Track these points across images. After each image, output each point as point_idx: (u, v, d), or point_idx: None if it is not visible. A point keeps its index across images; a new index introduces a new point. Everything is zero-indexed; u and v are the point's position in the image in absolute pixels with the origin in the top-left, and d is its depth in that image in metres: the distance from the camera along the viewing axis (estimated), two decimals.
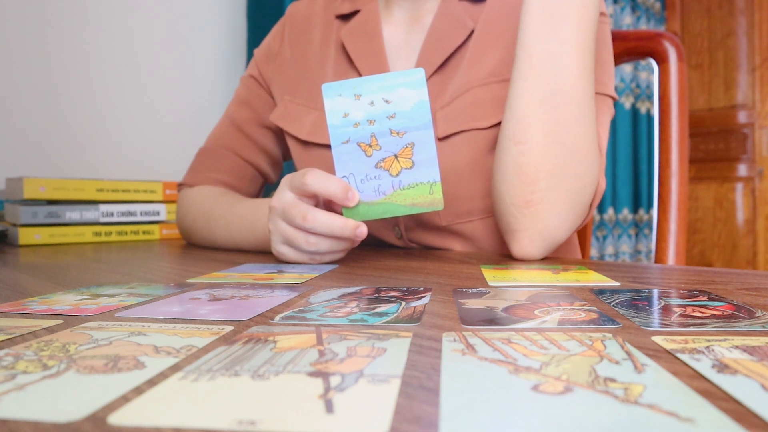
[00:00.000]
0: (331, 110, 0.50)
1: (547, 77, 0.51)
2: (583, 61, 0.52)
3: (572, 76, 0.51)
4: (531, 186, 0.52)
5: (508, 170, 0.53)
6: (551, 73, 0.51)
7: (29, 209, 0.82)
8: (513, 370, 0.19)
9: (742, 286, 0.37)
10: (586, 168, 0.53)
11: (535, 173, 0.51)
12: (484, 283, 0.39)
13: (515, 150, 0.52)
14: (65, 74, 1.20)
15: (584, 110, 0.52)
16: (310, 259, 0.52)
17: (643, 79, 2.65)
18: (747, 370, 0.19)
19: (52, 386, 0.18)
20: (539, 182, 0.51)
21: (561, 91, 0.51)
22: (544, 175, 0.51)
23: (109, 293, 0.36)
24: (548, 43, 0.51)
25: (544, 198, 0.52)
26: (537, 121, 0.51)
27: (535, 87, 0.51)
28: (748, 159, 2.70)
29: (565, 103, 0.51)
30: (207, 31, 1.45)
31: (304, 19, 0.76)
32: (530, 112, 0.51)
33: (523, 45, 0.52)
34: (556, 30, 0.51)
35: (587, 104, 0.52)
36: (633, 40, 0.79)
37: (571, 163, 0.52)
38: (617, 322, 0.26)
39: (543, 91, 0.51)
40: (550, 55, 0.51)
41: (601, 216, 2.48)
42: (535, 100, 0.51)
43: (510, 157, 0.52)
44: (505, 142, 0.53)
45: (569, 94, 0.51)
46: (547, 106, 0.51)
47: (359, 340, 0.23)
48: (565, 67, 0.51)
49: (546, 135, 0.51)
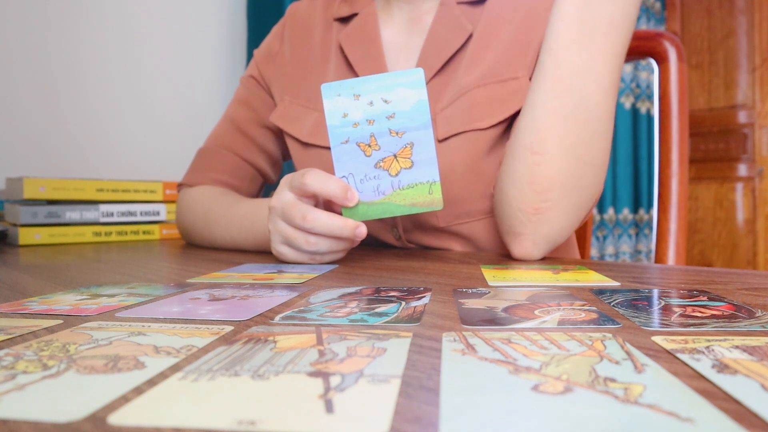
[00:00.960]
0: (331, 110, 0.50)
1: (575, 92, 0.49)
2: (612, 78, 0.50)
3: (600, 92, 0.50)
4: (542, 195, 0.51)
5: (520, 178, 0.52)
6: (579, 88, 0.49)
7: (29, 209, 0.82)
8: (513, 370, 0.19)
9: (742, 286, 0.37)
10: (598, 180, 0.53)
11: (548, 184, 0.50)
12: (484, 283, 0.39)
13: (531, 160, 0.51)
14: (65, 74, 1.20)
15: (607, 126, 0.51)
16: (309, 259, 0.52)
17: (643, 79, 2.65)
18: (747, 370, 0.19)
19: (52, 386, 0.18)
20: (551, 192, 0.51)
21: (587, 107, 0.50)
22: (558, 187, 0.51)
23: (109, 293, 0.36)
24: (580, 56, 0.49)
25: (553, 207, 0.51)
26: (558, 134, 0.50)
27: (560, 100, 0.50)
28: (748, 159, 2.69)
29: (589, 119, 0.50)
30: (207, 31, 1.45)
31: (304, 20, 0.76)
32: (552, 125, 0.50)
33: (552, 55, 0.50)
34: (589, 45, 0.49)
35: (609, 120, 0.51)
36: (633, 40, 0.79)
37: (585, 176, 0.51)
38: (617, 322, 0.26)
39: (568, 106, 0.49)
40: (581, 69, 0.49)
41: (601, 216, 2.48)
42: (559, 114, 0.50)
43: (524, 166, 0.51)
44: (521, 150, 0.52)
45: (594, 111, 0.50)
46: (570, 121, 0.50)
47: (359, 340, 0.23)
48: (594, 84, 0.49)
49: (565, 149, 0.50)
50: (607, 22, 0.48)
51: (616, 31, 0.49)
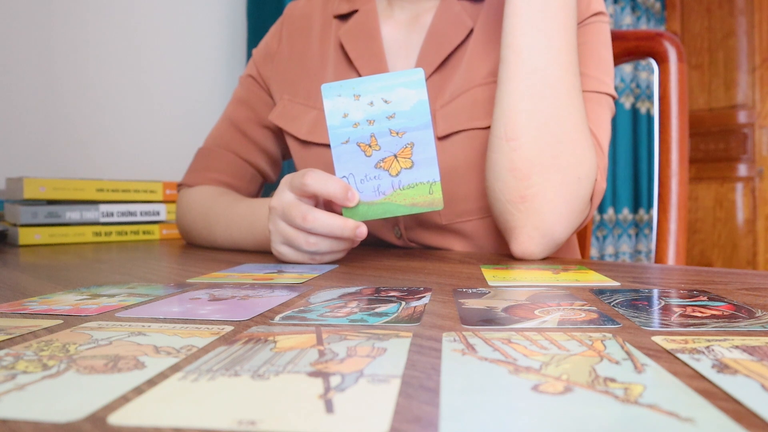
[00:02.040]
0: (331, 110, 0.50)
1: (536, 72, 0.52)
2: (569, 55, 0.53)
3: (560, 69, 0.52)
4: (524, 181, 0.52)
5: (501, 168, 0.53)
6: (540, 68, 0.52)
7: (29, 209, 0.82)
8: (513, 370, 0.19)
9: (742, 286, 0.37)
10: (579, 158, 0.53)
11: (528, 168, 0.52)
12: (484, 283, 0.39)
13: (507, 147, 0.53)
14: (65, 74, 1.20)
15: (573, 101, 0.53)
16: (310, 259, 0.52)
17: (643, 79, 2.65)
18: (747, 370, 0.19)
19: (52, 386, 0.18)
20: (532, 176, 0.52)
21: (549, 84, 0.52)
22: (537, 169, 0.52)
23: (109, 293, 0.36)
24: (536, 39, 0.52)
25: (538, 192, 0.52)
26: (526, 116, 0.52)
27: (524, 83, 0.52)
28: (748, 159, 2.70)
29: (553, 95, 0.52)
30: (207, 31, 1.46)
31: (302, 19, 0.76)
32: (520, 109, 0.52)
33: (510, 46, 0.53)
34: (542, 27, 0.52)
35: (575, 95, 0.53)
36: (633, 40, 0.79)
37: (562, 154, 0.52)
38: (617, 322, 0.26)
39: (532, 87, 0.52)
40: (539, 51, 0.52)
41: (601, 216, 2.48)
42: (525, 96, 0.52)
43: (502, 155, 0.53)
44: (496, 141, 0.54)
45: (557, 87, 0.52)
46: (535, 100, 0.52)
47: (359, 340, 0.23)
48: (552, 62, 0.52)
49: (537, 128, 0.52)
50: (555, 5, 0.53)
51: (566, 8, 0.53)
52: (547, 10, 0.52)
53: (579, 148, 0.53)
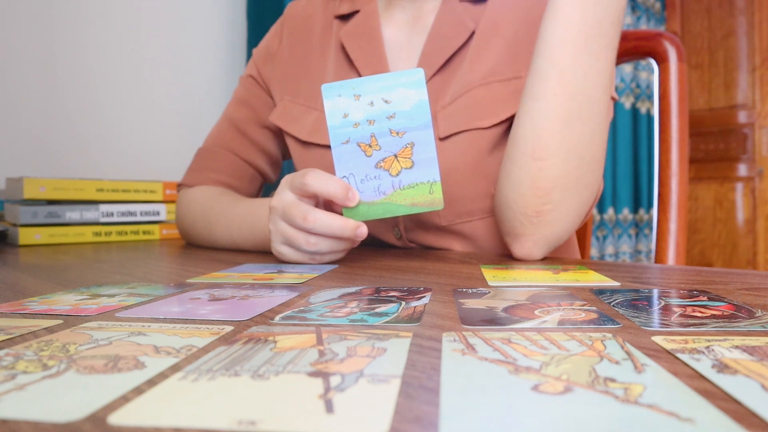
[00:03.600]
0: (331, 111, 0.50)
1: (578, 96, 0.49)
2: (611, 73, 0.50)
3: (600, 91, 0.49)
4: (543, 198, 0.51)
5: (521, 183, 0.51)
6: (582, 91, 0.49)
7: (29, 209, 0.82)
8: (513, 370, 0.19)
9: (742, 286, 0.37)
10: (597, 177, 0.53)
11: (550, 188, 0.50)
12: (484, 283, 0.39)
13: (533, 166, 0.50)
14: (65, 74, 1.20)
15: (604, 122, 0.51)
16: (310, 259, 0.52)
17: (643, 79, 2.65)
18: (747, 370, 0.19)
19: (52, 386, 0.18)
20: (552, 195, 0.51)
21: (589, 107, 0.49)
22: (559, 189, 0.50)
23: (109, 293, 0.36)
24: (583, 59, 0.48)
25: (554, 209, 0.51)
26: (560, 138, 0.49)
27: (563, 105, 0.49)
28: (748, 159, 2.70)
29: (589, 118, 0.50)
30: (207, 31, 1.46)
31: (303, 19, 0.76)
32: (554, 130, 0.49)
33: (553, 60, 0.49)
34: (593, 46, 0.48)
35: (606, 116, 0.51)
36: (633, 40, 0.79)
37: (585, 175, 0.51)
38: (617, 322, 0.26)
39: (572, 109, 0.49)
40: (585, 72, 0.48)
41: (601, 216, 2.48)
42: (562, 118, 0.49)
43: (526, 172, 0.51)
44: (521, 157, 0.51)
45: (595, 109, 0.50)
46: (572, 123, 0.49)
47: (359, 340, 0.23)
48: (595, 84, 0.49)
49: (567, 151, 0.50)
50: (609, 21, 0.48)
51: (615, 27, 0.49)
52: (602, 26, 0.48)
53: (599, 167, 0.52)
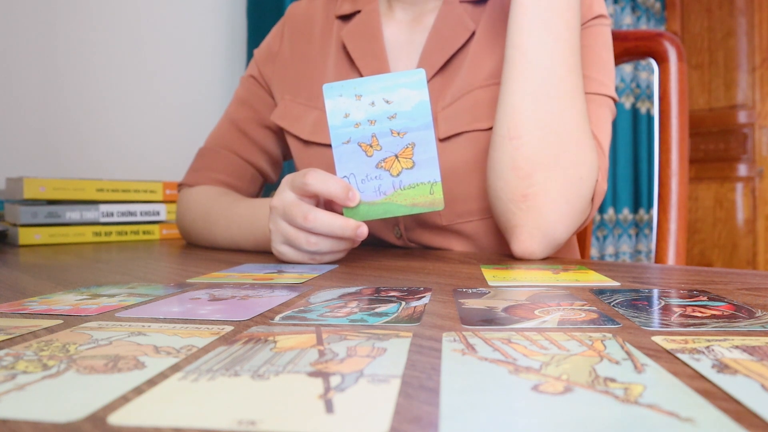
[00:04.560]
0: (332, 110, 0.50)
1: (541, 72, 0.53)
2: (573, 56, 0.54)
3: (564, 69, 0.53)
4: (527, 180, 0.52)
5: (503, 167, 0.53)
6: (545, 67, 0.53)
7: (29, 209, 0.82)
8: (513, 370, 0.19)
9: (742, 286, 0.37)
10: (581, 158, 0.53)
11: (530, 167, 0.52)
12: (484, 283, 0.39)
13: (510, 146, 0.53)
14: (65, 74, 1.20)
15: (576, 101, 0.54)
16: (310, 259, 0.52)
17: (643, 79, 2.65)
18: (747, 370, 0.19)
19: (52, 386, 0.18)
20: (535, 175, 0.52)
21: (554, 84, 0.53)
22: (540, 168, 0.52)
23: (109, 293, 0.36)
24: (542, 40, 0.53)
25: (540, 191, 0.52)
26: (530, 114, 0.52)
27: (528, 82, 0.53)
28: (748, 159, 2.70)
29: (557, 95, 0.53)
30: (207, 31, 1.45)
31: (304, 19, 0.76)
32: (524, 107, 0.53)
33: (516, 46, 0.54)
34: (549, 27, 0.53)
35: (578, 96, 0.54)
36: (633, 40, 0.79)
37: (564, 153, 0.53)
38: (617, 322, 0.26)
39: (536, 85, 0.53)
40: (545, 51, 0.53)
41: (601, 216, 2.48)
42: (529, 95, 0.53)
43: (505, 153, 0.53)
44: (499, 139, 0.54)
45: (561, 86, 0.53)
46: (539, 100, 0.53)
47: (359, 340, 0.23)
48: (558, 62, 0.53)
49: (540, 128, 0.52)
50: (561, 6, 0.53)
51: (572, 8, 0.54)
52: (554, 9, 0.53)
53: (581, 148, 0.53)
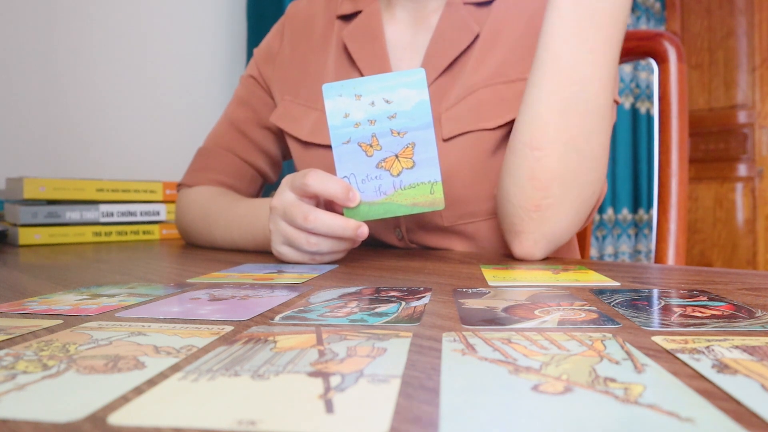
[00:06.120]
0: (332, 110, 0.50)
1: (573, 85, 0.50)
2: (609, 72, 0.51)
3: (598, 86, 0.50)
4: (543, 191, 0.51)
5: (520, 175, 0.52)
6: (578, 80, 0.50)
7: (29, 209, 0.82)
8: (513, 370, 0.19)
9: (742, 286, 0.37)
10: (598, 176, 0.53)
11: (549, 180, 0.51)
12: (484, 283, 0.39)
13: (531, 156, 0.51)
14: (65, 74, 1.20)
15: (605, 120, 0.51)
16: (310, 260, 0.52)
17: (643, 79, 2.65)
18: (747, 370, 0.19)
19: (52, 386, 0.18)
20: (552, 188, 0.51)
21: (585, 99, 0.50)
22: (558, 182, 0.51)
23: (109, 293, 0.36)
24: (578, 51, 0.49)
25: (554, 203, 0.51)
26: (557, 128, 0.50)
27: (559, 94, 0.50)
28: (748, 159, 2.69)
29: (587, 112, 0.50)
30: (207, 31, 1.45)
31: (304, 19, 0.75)
32: (551, 119, 0.50)
33: (550, 50, 0.50)
34: (588, 37, 0.49)
35: (607, 113, 0.52)
36: (633, 40, 0.79)
37: (585, 171, 0.51)
38: (617, 322, 0.26)
39: (567, 99, 0.50)
40: (579, 62, 0.50)
41: (600, 216, 2.48)
42: (558, 108, 0.50)
43: (524, 162, 0.51)
44: (520, 146, 0.52)
45: (592, 103, 0.50)
46: (569, 114, 0.50)
47: (359, 340, 0.23)
48: (591, 77, 0.50)
49: (564, 143, 0.50)
50: (606, 14, 0.49)
51: (614, 23, 0.50)
52: (595, 20, 0.49)
53: (600, 166, 0.52)
